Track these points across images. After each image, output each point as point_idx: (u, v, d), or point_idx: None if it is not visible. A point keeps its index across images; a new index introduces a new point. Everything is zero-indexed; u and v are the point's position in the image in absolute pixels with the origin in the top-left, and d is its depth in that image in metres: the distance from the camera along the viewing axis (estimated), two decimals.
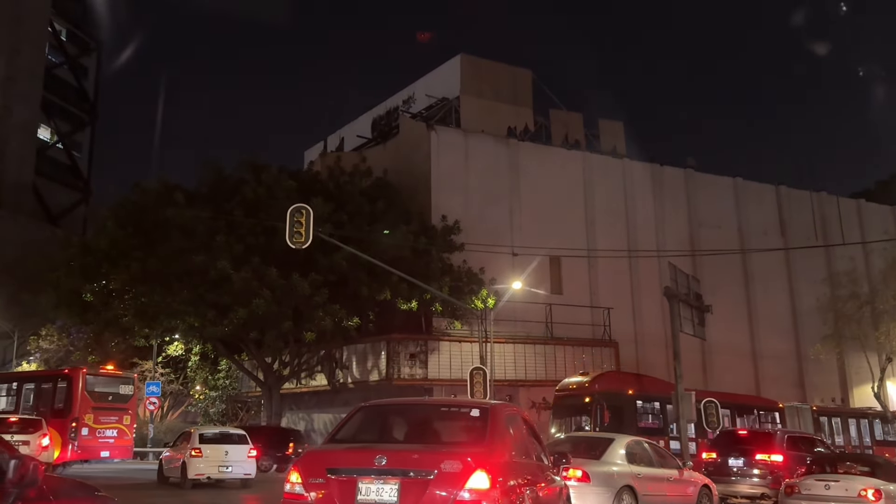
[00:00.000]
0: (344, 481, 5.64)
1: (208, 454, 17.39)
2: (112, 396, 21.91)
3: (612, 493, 10.76)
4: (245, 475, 17.85)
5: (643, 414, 21.82)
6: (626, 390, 21.47)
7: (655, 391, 22.77)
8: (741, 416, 24.43)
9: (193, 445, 17.48)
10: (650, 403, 22.28)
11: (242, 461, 17.78)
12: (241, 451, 17.94)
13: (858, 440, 26.83)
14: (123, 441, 21.64)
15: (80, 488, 4.41)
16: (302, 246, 17.13)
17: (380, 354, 30.10)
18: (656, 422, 21.99)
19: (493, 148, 34.85)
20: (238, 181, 28.32)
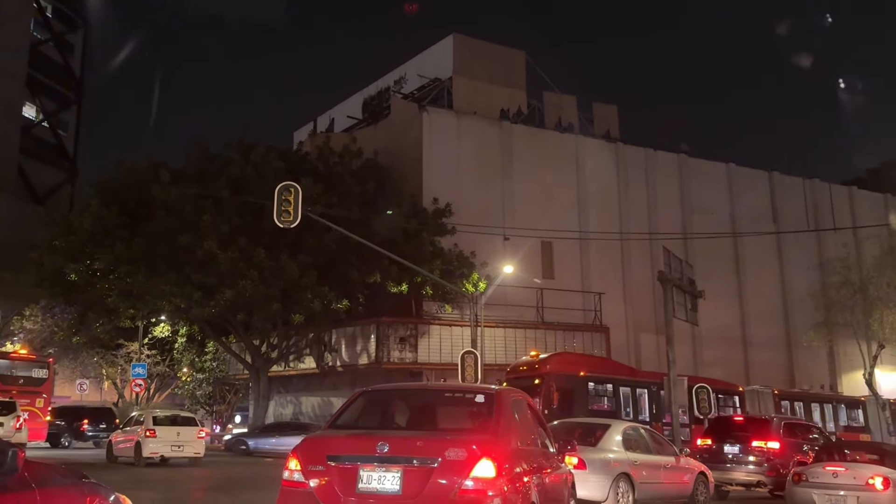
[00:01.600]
0: (345, 469, 5.43)
1: (161, 435, 18.85)
2: (24, 380, 22.32)
3: (609, 481, 10.55)
4: (195, 454, 19.43)
5: (595, 396, 21.38)
6: (578, 372, 20.95)
7: (609, 373, 22.44)
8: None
9: (148, 427, 18.88)
10: (603, 385, 21.78)
11: (193, 441, 19.39)
12: (191, 433, 19.54)
13: (822, 426, 26.83)
14: (36, 424, 21.92)
15: (65, 474, 4.13)
16: (290, 225, 16.71)
17: (369, 338, 29.80)
18: (609, 404, 21.58)
19: (485, 130, 34.43)
20: (225, 160, 27.81)
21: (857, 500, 10.32)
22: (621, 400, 22.10)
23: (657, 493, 11.60)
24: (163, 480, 15.12)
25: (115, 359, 36.59)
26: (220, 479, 16.14)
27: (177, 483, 14.79)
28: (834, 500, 10.55)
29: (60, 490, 3.84)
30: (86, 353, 35.99)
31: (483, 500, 5.15)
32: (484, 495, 5.17)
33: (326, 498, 5.37)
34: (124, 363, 36.18)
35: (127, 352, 35.86)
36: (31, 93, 48.95)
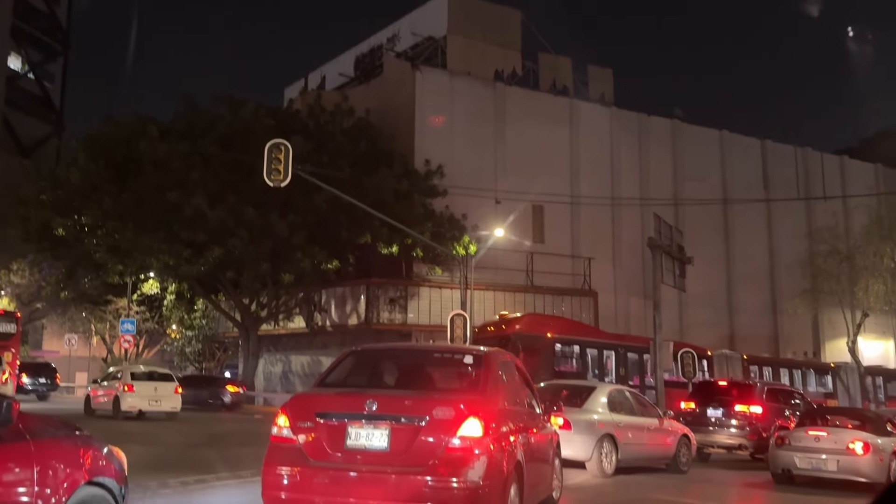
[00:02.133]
0: (333, 426, 5.49)
1: (139, 390, 19.46)
2: None
3: (594, 441, 10.74)
4: (171, 408, 19.96)
5: (562, 357, 21.40)
6: (545, 333, 20.82)
7: (576, 335, 22.41)
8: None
9: (126, 382, 19.53)
10: (570, 347, 21.80)
11: (169, 397, 19.96)
12: (168, 388, 20.09)
13: None
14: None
15: (59, 427, 4.14)
16: (280, 184, 16.54)
17: (359, 298, 29.85)
18: (576, 366, 21.64)
19: (479, 91, 34.07)
20: (214, 117, 27.46)
21: (838, 464, 10.54)
22: (588, 362, 22.15)
23: (640, 454, 11.80)
24: (145, 434, 15.22)
25: (104, 314, 36.57)
26: (204, 435, 16.26)
27: (159, 437, 14.89)
28: (815, 463, 10.76)
29: (55, 441, 3.84)
30: (74, 309, 35.96)
31: (469, 458, 5.23)
32: (470, 453, 5.24)
33: (314, 454, 5.43)
34: (113, 319, 36.18)
35: (116, 308, 35.82)
36: (16, 43, 47.96)
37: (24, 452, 3.48)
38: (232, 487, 8.58)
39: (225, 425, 19.96)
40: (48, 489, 3.53)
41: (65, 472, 3.72)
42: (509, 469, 5.65)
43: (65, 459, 3.79)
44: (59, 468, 3.68)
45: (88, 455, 3.99)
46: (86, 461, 3.93)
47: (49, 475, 3.56)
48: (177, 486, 8.32)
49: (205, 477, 9.07)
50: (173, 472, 8.95)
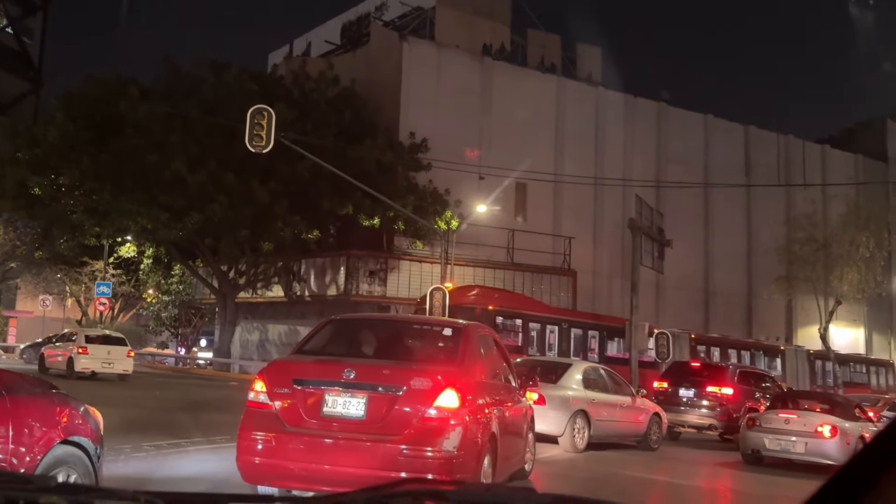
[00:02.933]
0: (310, 392, 5.53)
1: (93, 352, 20.13)
2: None
3: (567, 417, 10.91)
4: (123, 371, 20.66)
5: (503, 331, 20.74)
6: (486, 305, 20.44)
7: (518, 308, 22.08)
8: (612, 339, 23.90)
9: (81, 344, 20.18)
10: (511, 320, 21.44)
11: (122, 360, 20.66)
12: (121, 352, 20.73)
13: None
14: None
15: (35, 384, 4.10)
16: (262, 150, 16.40)
17: (339, 269, 29.78)
18: (516, 339, 21.21)
19: (467, 65, 33.82)
20: (197, 80, 27.04)
21: (806, 446, 10.78)
22: (530, 336, 21.89)
23: (612, 430, 12.00)
24: (120, 398, 15.18)
25: (80, 276, 36.19)
26: (178, 401, 16.24)
27: (135, 401, 14.85)
28: (784, 445, 11.01)
29: (31, 398, 3.82)
30: (49, 270, 35.54)
31: (445, 428, 5.28)
32: (446, 423, 5.29)
33: (290, 420, 5.45)
34: (88, 281, 35.83)
35: (91, 270, 35.47)
36: None
37: (0, 408, 3.45)
38: (206, 452, 8.59)
39: (201, 392, 19.94)
40: (23, 447, 3.51)
41: (40, 429, 3.70)
42: (483, 440, 5.72)
43: (41, 417, 3.76)
44: (34, 426, 3.66)
45: (65, 413, 3.97)
46: (62, 420, 3.91)
47: (24, 432, 3.54)
48: (151, 449, 8.32)
49: (178, 441, 9.08)
50: (148, 437, 8.96)
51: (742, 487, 10.30)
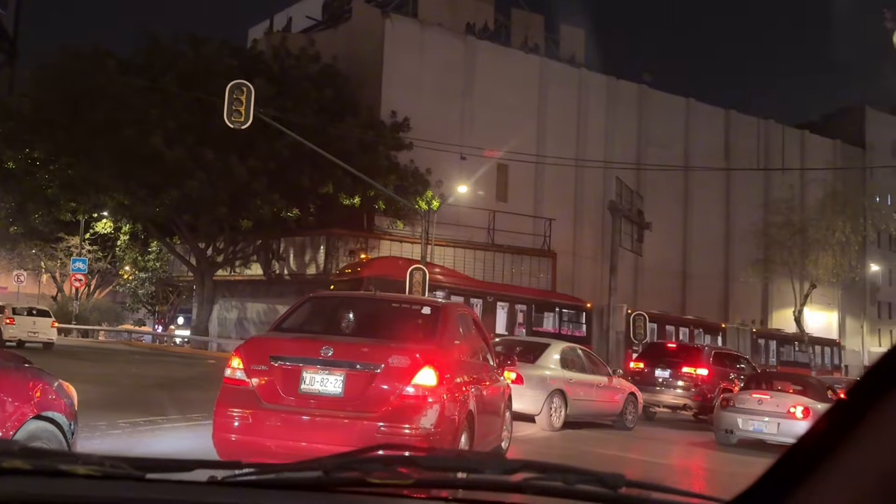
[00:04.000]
0: (287, 369, 5.50)
1: (19, 323, 21.90)
2: None
3: (544, 396, 11.03)
4: (48, 339, 22.38)
5: None
6: (397, 276, 19.76)
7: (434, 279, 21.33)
8: (540, 313, 23.65)
9: (7, 316, 21.91)
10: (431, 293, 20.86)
11: (46, 329, 22.40)
12: (45, 323, 22.47)
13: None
14: None
15: (8, 358, 4.07)
16: (241, 126, 16.21)
17: (318, 248, 29.66)
18: None
19: (450, 44, 33.59)
20: (175, 54, 26.60)
21: (778, 427, 10.96)
22: None
23: (589, 409, 12.14)
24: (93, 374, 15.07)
25: (55, 252, 35.71)
26: (153, 378, 16.15)
27: (109, 378, 14.75)
28: (757, 425, 11.19)
29: (2, 372, 3.76)
30: (24, 245, 35.01)
31: (422, 406, 5.29)
32: (424, 401, 5.31)
33: (267, 397, 5.43)
34: (64, 257, 35.36)
35: (67, 246, 35.00)
36: None
37: None
38: (182, 430, 8.55)
39: (178, 369, 19.82)
40: None
41: (13, 404, 3.64)
42: (461, 418, 5.75)
43: (13, 392, 3.71)
44: (6, 400, 3.60)
45: (38, 388, 3.92)
46: (35, 394, 3.86)
47: None
48: (126, 426, 8.27)
49: (154, 419, 9.04)
50: (124, 414, 8.90)
51: (715, 466, 10.47)
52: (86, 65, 25.49)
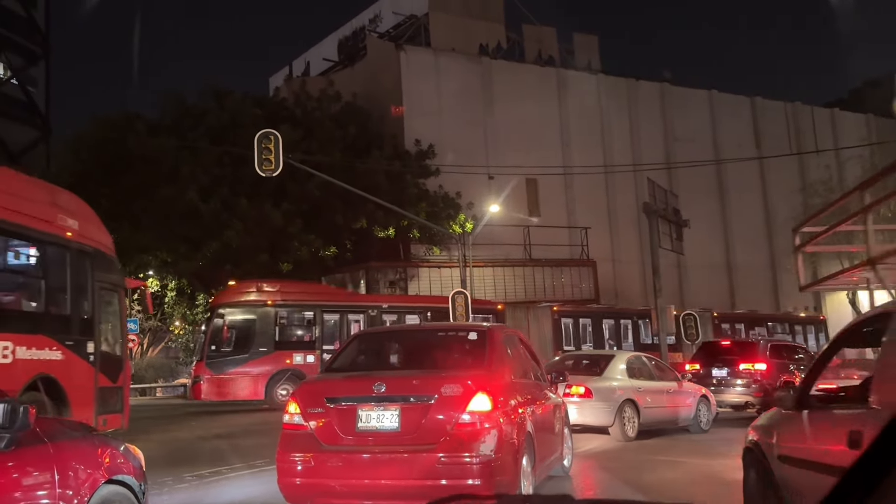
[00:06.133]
0: (343, 409, 5.57)
1: None
2: None
3: (615, 407, 11.02)
4: None
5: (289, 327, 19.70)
6: (264, 301, 19.04)
7: (303, 299, 20.15)
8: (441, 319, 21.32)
9: None
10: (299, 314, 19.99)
11: None
12: None
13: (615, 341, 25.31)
14: None
15: (75, 428, 4.23)
16: (272, 174, 16.55)
17: (359, 283, 29.87)
18: (307, 335, 19.73)
19: (465, 67, 33.91)
20: (202, 111, 27.32)
21: None
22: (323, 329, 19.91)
23: (661, 416, 12.05)
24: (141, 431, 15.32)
25: None
26: (210, 427, 16.37)
27: (169, 433, 14.98)
28: None
29: (72, 443, 3.90)
30: None
31: (480, 433, 5.29)
32: (481, 427, 5.30)
33: (326, 438, 5.50)
34: None
35: None
36: None
37: (44, 455, 3.54)
38: (247, 477, 8.66)
39: (235, 418, 20.05)
40: (69, 490, 3.59)
41: (85, 472, 3.78)
42: (520, 441, 5.73)
43: (84, 460, 3.85)
44: (78, 469, 3.74)
45: (106, 454, 4.06)
46: (104, 460, 4.00)
47: (69, 476, 3.62)
48: (192, 479, 8.41)
49: (219, 469, 9.17)
50: (188, 467, 9.05)
51: None
52: (117, 130, 26.31)
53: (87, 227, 10.41)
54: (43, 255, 9.56)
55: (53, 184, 28.93)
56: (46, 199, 9.70)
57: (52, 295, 9.60)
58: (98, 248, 10.58)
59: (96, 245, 10.57)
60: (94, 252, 10.41)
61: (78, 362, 9.77)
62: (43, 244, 9.45)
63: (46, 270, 9.57)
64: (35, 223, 9.16)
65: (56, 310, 9.67)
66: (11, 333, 8.54)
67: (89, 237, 10.35)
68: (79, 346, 9.87)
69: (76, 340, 9.84)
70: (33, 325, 9.14)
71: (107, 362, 10.51)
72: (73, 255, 9.81)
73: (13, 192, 8.95)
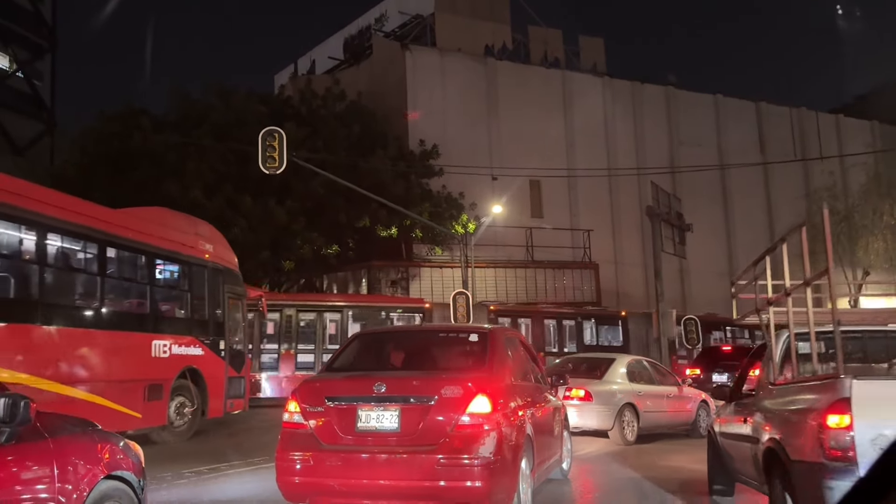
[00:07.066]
0: (343, 409, 5.57)
1: None
2: None
3: (615, 411, 11.01)
4: None
5: None
6: None
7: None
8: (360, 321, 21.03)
9: None
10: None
11: None
12: None
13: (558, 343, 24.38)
14: None
15: (75, 423, 4.24)
16: (276, 171, 16.56)
17: (360, 282, 29.91)
18: None
19: (470, 68, 33.91)
20: (206, 107, 27.32)
21: None
22: None
23: (661, 421, 12.04)
24: None
25: None
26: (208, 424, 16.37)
27: None
28: None
29: (72, 438, 3.92)
30: None
31: (480, 434, 5.29)
32: (480, 429, 5.31)
33: (326, 437, 5.51)
34: None
35: None
36: (2, 42, 47.57)
37: (44, 450, 3.55)
38: (246, 474, 8.68)
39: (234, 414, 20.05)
40: (69, 485, 3.61)
41: (84, 467, 3.80)
42: (519, 443, 5.74)
43: (83, 455, 3.86)
44: (78, 464, 3.75)
45: (106, 449, 4.07)
46: (104, 456, 4.01)
47: (69, 471, 3.64)
48: (191, 476, 8.44)
49: (218, 466, 9.19)
50: (187, 463, 9.07)
51: None
52: (122, 126, 26.34)
53: (219, 249, 13.08)
54: (189, 274, 12.11)
55: (56, 178, 28.83)
56: (191, 229, 12.50)
57: (195, 304, 12.17)
58: (228, 266, 13.21)
59: (226, 264, 13.21)
60: (224, 269, 13.04)
61: (213, 357, 12.35)
62: (189, 265, 12.06)
63: (191, 285, 12.14)
64: (183, 249, 11.88)
65: (198, 316, 12.25)
66: (169, 335, 11.25)
67: (221, 257, 12.99)
68: (214, 345, 12.44)
69: (212, 340, 12.44)
70: (183, 328, 11.78)
71: (233, 357, 13.04)
72: (209, 273, 12.49)
73: (168, 225, 11.85)
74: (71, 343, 9.38)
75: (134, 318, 10.84)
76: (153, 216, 12.02)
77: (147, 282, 11.14)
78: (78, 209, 9.86)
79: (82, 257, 10.09)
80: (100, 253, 10.08)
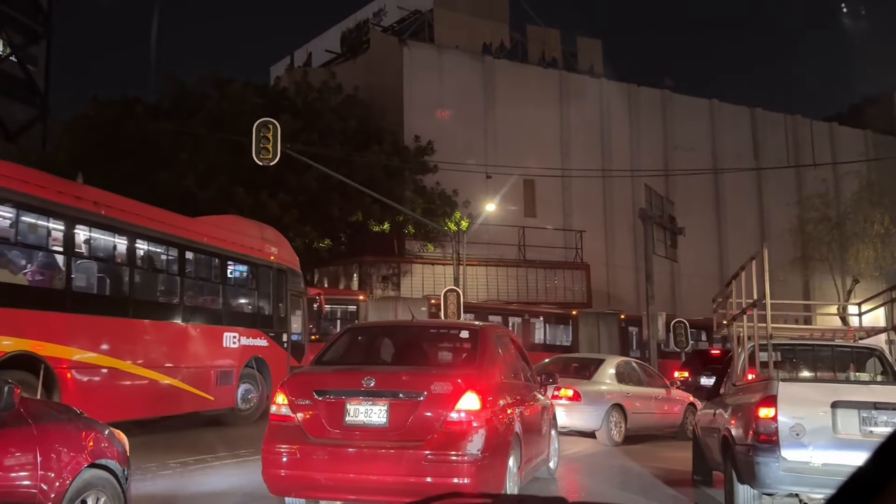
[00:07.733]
0: (331, 402, 5.53)
1: None
2: None
3: (603, 411, 11.02)
4: None
5: None
6: None
7: None
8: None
9: None
10: None
11: None
12: None
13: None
14: None
15: (61, 410, 4.19)
16: (269, 163, 16.50)
17: (352, 277, 29.85)
18: None
19: (467, 65, 33.86)
20: (201, 96, 27.18)
21: None
22: None
23: (649, 422, 12.08)
24: None
25: None
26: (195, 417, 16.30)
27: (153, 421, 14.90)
28: None
29: (57, 425, 3.87)
30: None
31: (468, 431, 5.28)
32: (469, 426, 5.29)
33: (313, 431, 5.47)
34: None
35: None
36: None
37: (27, 436, 3.51)
38: (232, 467, 8.64)
39: None
40: (51, 472, 3.56)
41: (68, 454, 3.75)
42: (508, 440, 5.73)
43: (67, 442, 3.81)
44: (61, 451, 3.71)
45: (90, 438, 4.02)
46: (88, 444, 3.96)
47: (52, 458, 3.59)
48: (176, 466, 8.38)
49: (204, 457, 9.13)
50: (173, 454, 9.01)
51: None
52: (116, 113, 26.17)
53: (282, 251, 14.46)
54: (256, 273, 13.53)
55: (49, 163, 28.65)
56: (258, 234, 13.93)
57: (261, 300, 13.56)
58: (290, 266, 14.50)
59: (289, 264, 14.52)
60: (287, 269, 14.32)
61: (277, 348, 13.63)
62: (256, 266, 13.48)
63: (258, 283, 13.54)
64: (251, 252, 13.31)
65: (264, 310, 13.58)
66: (239, 327, 12.64)
67: (284, 259, 14.31)
68: (278, 337, 13.75)
69: (276, 332, 13.74)
70: (251, 322, 13.14)
71: (294, 348, 14.23)
72: (274, 273, 13.82)
73: (238, 231, 13.34)
74: (159, 334, 10.97)
75: (209, 313, 12.23)
76: (226, 223, 13.54)
77: (220, 281, 12.57)
78: (165, 220, 11.52)
79: (166, 260, 11.59)
80: (181, 257, 11.65)
